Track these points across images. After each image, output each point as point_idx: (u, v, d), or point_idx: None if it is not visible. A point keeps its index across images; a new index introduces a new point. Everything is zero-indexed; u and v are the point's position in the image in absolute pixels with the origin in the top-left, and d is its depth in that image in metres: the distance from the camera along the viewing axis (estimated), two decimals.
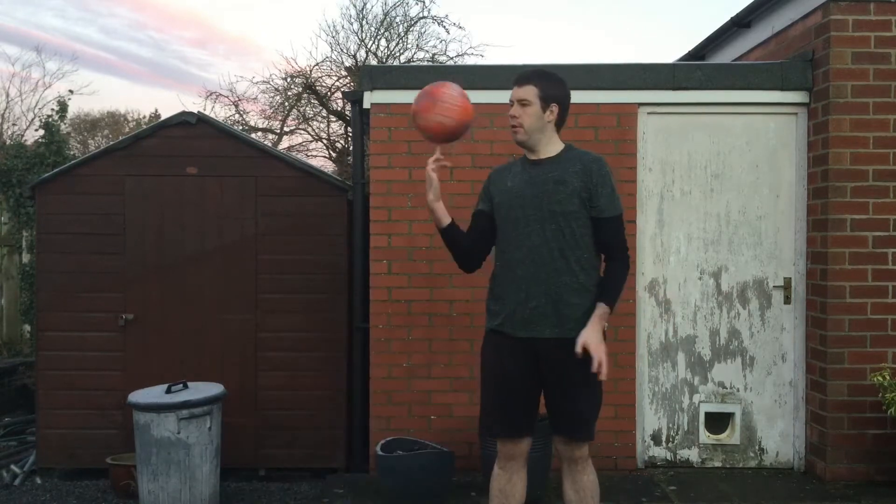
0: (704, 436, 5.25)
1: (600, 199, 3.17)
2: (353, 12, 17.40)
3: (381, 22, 13.91)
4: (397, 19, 13.94)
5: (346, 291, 5.40)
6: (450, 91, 3.25)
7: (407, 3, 13.85)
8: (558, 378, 3.19)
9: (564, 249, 3.16)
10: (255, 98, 16.20)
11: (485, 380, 3.36)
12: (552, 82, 3.27)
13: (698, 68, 5.30)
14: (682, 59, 7.18)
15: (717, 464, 5.26)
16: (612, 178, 3.24)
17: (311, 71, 13.84)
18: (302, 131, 15.12)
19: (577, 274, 3.16)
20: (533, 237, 3.18)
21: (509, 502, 3.31)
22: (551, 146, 3.27)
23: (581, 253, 3.18)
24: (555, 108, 3.24)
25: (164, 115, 8.55)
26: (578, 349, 3.05)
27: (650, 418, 5.27)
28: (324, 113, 14.40)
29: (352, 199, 5.40)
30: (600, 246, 3.23)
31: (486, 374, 3.36)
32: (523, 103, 3.23)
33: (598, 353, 3.06)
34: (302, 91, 13.94)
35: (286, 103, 14.45)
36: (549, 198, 3.17)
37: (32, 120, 17.35)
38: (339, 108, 13.59)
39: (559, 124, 3.29)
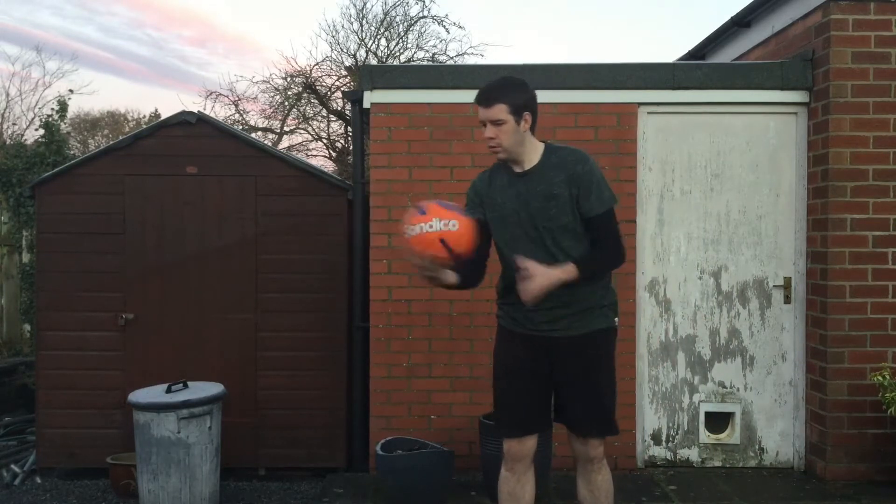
0: (704, 435, 5.25)
1: (585, 201, 3.11)
2: (353, 12, 17.41)
3: (381, 21, 13.93)
4: (397, 19, 13.97)
5: (346, 291, 5.40)
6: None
7: (407, 3, 13.88)
8: (570, 374, 3.20)
9: (564, 262, 3.11)
10: (255, 97, 16.21)
11: (497, 376, 3.34)
12: (517, 91, 3.13)
13: (698, 68, 5.29)
14: (682, 58, 7.18)
15: (717, 463, 5.26)
16: (598, 172, 3.15)
17: (311, 70, 13.87)
18: (302, 131, 15.16)
19: (578, 283, 3.12)
20: (535, 254, 3.11)
21: None
22: (533, 153, 3.18)
23: None
24: (528, 115, 3.12)
25: (164, 115, 8.55)
26: (522, 264, 2.94)
27: (650, 418, 5.27)
28: (324, 112, 14.43)
29: (352, 198, 5.40)
30: (593, 242, 3.16)
31: (498, 369, 3.34)
32: (496, 123, 3.10)
33: (533, 266, 2.96)
34: (302, 91, 13.95)
35: (286, 103, 14.47)
36: (542, 215, 3.12)
37: (32, 119, 17.39)
38: (339, 108, 13.60)
39: (534, 128, 3.19)
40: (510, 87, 3.14)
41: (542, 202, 3.12)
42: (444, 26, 14.30)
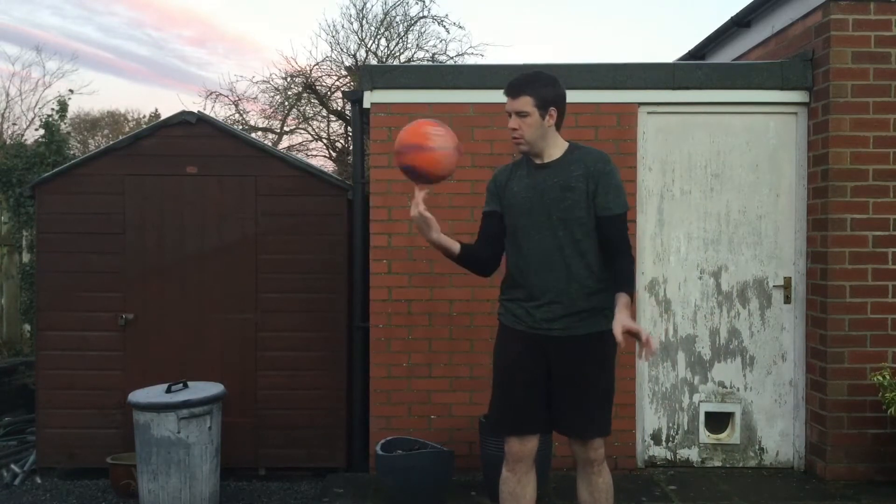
0: (704, 435, 5.25)
1: (603, 198, 3.13)
2: (353, 12, 17.42)
3: (381, 21, 13.94)
4: (397, 19, 13.98)
5: (346, 291, 5.40)
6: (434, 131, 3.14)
7: (407, 3, 13.89)
8: (569, 375, 3.19)
9: (573, 255, 3.15)
10: (255, 97, 16.23)
11: (496, 374, 3.34)
12: (546, 86, 3.17)
13: (698, 68, 5.29)
14: (682, 58, 7.18)
15: (717, 463, 5.26)
16: (617, 175, 3.20)
17: (311, 70, 13.87)
18: (302, 131, 15.16)
19: (586, 278, 3.15)
20: (543, 244, 3.16)
21: None
22: (555, 148, 3.22)
23: (590, 257, 3.17)
24: (553, 111, 3.17)
25: (164, 115, 8.56)
26: (619, 336, 2.91)
27: (650, 418, 5.27)
28: (324, 112, 14.43)
29: (352, 198, 5.40)
30: (605, 244, 3.17)
31: (497, 367, 3.34)
32: (521, 115, 3.15)
33: (641, 329, 2.96)
34: (302, 91, 13.96)
35: (286, 103, 14.47)
36: (556, 205, 3.14)
37: (32, 119, 17.42)
38: (339, 108, 13.60)
39: (559, 124, 3.23)
40: (539, 81, 3.18)
41: (557, 193, 3.14)
42: (444, 26, 14.33)
